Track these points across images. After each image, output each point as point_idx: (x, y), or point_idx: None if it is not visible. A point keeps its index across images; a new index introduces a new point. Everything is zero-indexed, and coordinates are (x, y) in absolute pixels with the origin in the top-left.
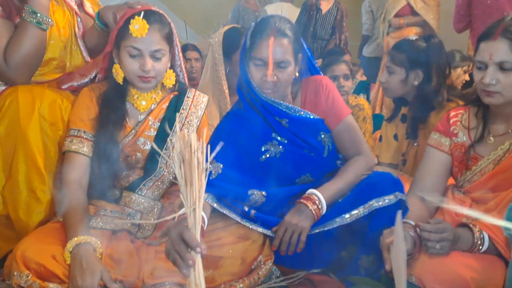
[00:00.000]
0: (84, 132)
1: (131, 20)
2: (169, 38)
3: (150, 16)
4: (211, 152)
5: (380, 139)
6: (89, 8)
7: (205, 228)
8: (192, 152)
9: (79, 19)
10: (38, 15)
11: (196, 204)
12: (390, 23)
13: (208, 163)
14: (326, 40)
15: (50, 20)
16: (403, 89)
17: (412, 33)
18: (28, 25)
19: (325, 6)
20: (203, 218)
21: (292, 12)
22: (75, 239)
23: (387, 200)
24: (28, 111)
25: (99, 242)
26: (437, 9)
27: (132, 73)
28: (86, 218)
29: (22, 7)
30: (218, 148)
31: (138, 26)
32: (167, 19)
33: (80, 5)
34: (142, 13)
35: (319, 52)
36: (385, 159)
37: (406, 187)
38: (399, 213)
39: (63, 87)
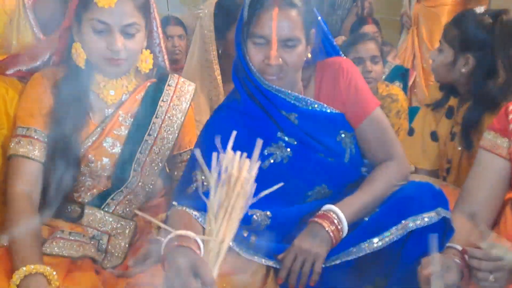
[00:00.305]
0: (35, 131)
1: None
2: (145, 9)
3: None
4: (205, 159)
5: (411, 132)
6: None
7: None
8: (239, 178)
9: None
10: None
11: (228, 237)
12: None
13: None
14: (347, 10)
15: None
16: (449, 75)
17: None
18: None
19: None
20: (198, 244)
21: None
22: (24, 269)
23: (427, 218)
24: None
25: (54, 273)
26: None
27: (98, 54)
28: (38, 242)
29: None
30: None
31: None
32: None
33: None
34: None
35: (339, 26)
36: (415, 162)
37: (452, 202)
38: (433, 237)
39: (8, 72)
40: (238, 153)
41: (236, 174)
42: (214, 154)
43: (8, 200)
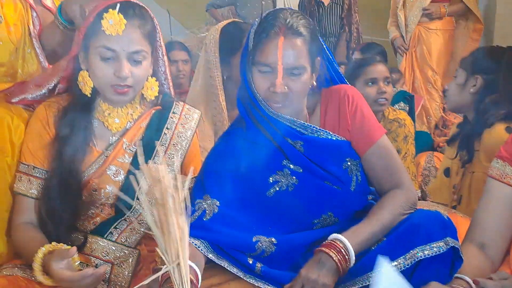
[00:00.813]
0: (34, 168)
1: (104, 14)
2: (151, 37)
3: (128, 9)
4: (206, 185)
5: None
6: (47, 0)
7: (199, 286)
8: (164, 190)
9: (34, 14)
10: None
11: (180, 257)
12: (424, 11)
13: (185, 198)
14: (337, 36)
15: None
16: (460, 99)
17: (449, 25)
18: None
19: None
20: (195, 272)
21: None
22: (43, 248)
23: (435, 248)
24: None
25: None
26: None
27: (105, 81)
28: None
29: None
30: (190, 176)
31: (113, 21)
32: (149, 13)
33: None
34: (118, 5)
35: (333, 51)
36: (435, 197)
37: (461, 231)
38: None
39: (14, 100)
40: (149, 163)
41: (158, 184)
42: (133, 179)
43: (12, 231)
